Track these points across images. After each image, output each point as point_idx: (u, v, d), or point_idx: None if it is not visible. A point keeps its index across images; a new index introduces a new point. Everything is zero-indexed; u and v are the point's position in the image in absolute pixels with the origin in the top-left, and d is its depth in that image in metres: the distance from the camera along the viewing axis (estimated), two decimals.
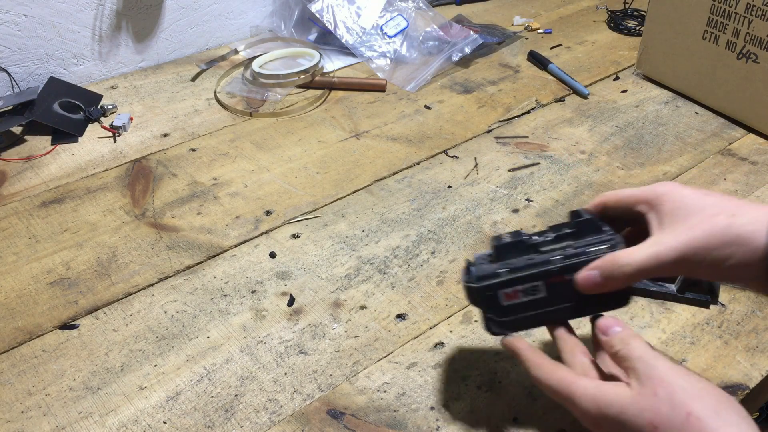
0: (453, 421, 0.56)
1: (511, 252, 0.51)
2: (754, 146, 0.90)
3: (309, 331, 0.65)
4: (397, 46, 1.12)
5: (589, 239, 0.50)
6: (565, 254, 0.50)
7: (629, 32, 1.22)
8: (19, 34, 1.00)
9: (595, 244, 0.49)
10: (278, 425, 0.56)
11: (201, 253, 0.74)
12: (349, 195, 0.83)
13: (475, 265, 0.52)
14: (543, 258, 0.50)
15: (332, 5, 1.12)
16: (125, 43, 1.10)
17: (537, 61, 1.12)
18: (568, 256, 0.49)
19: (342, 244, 0.75)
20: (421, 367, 0.61)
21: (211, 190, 0.84)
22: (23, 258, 0.75)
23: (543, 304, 0.50)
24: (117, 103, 1.03)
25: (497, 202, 0.81)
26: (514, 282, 0.50)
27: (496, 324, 0.51)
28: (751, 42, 0.88)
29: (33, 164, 0.90)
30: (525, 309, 0.51)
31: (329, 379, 0.60)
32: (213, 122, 0.98)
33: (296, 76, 1.04)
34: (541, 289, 0.50)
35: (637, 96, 1.03)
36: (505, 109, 1.00)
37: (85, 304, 0.68)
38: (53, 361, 0.63)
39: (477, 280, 0.50)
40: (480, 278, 0.50)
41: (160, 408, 0.58)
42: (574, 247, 0.50)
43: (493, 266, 0.51)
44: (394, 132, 0.95)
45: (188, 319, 0.67)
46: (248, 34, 1.23)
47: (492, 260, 0.52)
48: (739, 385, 0.59)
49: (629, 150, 0.90)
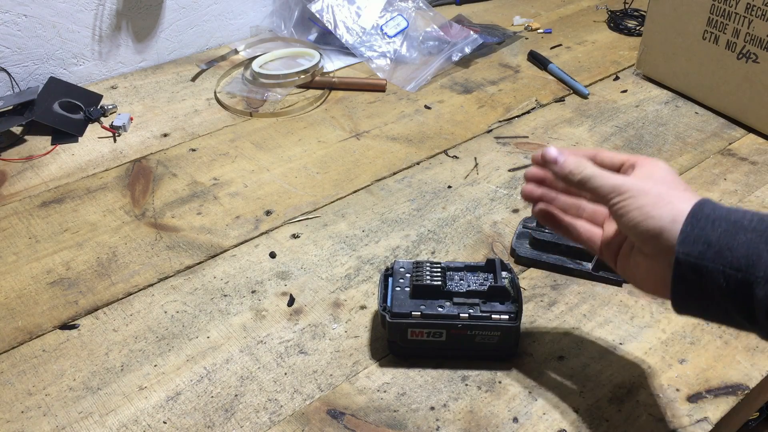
0: (453, 421, 0.56)
1: (427, 293, 0.60)
2: (754, 146, 0.90)
3: (309, 331, 0.65)
4: (397, 46, 1.12)
5: (493, 304, 0.59)
6: (470, 314, 0.58)
7: (629, 32, 1.22)
8: (19, 34, 1.00)
9: (498, 312, 0.58)
10: (278, 425, 0.56)
11: (201, 253, 0.74)
12: (349, 195, 0.83)
13: (393, 275, 0.62)
14: (452, 311, 0.58)
15: (332, 5, 1.12)
16: (125, 43, 1.10)
17: (537, 61, 1.12)
18: (472, 317, 0.58)
19: (342, 244, 0.75)
20: (421, 367, 0.61)
21: (211, 190, 0.84)
22: (23, 258, 0.75)
23: (441, 345, 0.60)
24: (117, 103, 1.03)
25: (497, 202, 0.81)
26: (423, 325, 0.59)
27: (398, 348, 0.61)
28: (751, 42, 0.88)
29: (33, 164, 0.90)
30: (425, 345, 0.60)
31: (329, 379, 0.60)
32: (213, 122, 0.98)
33: (296, 76, 1.04)
34: (443, 335, 0.59)
35: (637, 96, 1.03)
36: (505, 109, 1.00)
37: (85, 304, 0.68)
38: (53, 361, 0.63)
39: (392, 316, 0.59)
40: (394, 315, 0.59)
41: (160, 408, 0.58)
42: (481, 309, 0.58)
43: (408, 303, 0.59)
44: (394, 132, 0.95)
45: (188, 319, 0.67)
46: (248, 34, 1.23)
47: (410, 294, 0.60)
48: (739, 385, 0.59)
49: (629, 150, 0.90)
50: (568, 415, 0.57)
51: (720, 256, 0.42)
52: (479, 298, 0.59)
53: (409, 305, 0.59)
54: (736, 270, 0.42)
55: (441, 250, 0.74)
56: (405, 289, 0.60)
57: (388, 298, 0.60)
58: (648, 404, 0.57)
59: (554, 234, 0.67)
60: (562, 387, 0.59)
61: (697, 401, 0.57)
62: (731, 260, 0.42)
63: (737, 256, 0.42)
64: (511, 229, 0.77)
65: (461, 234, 0.76)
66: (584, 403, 0.57)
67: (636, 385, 0.59)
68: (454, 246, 0.75)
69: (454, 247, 0.75)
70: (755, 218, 0.43)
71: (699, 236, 0.43)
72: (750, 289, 0.41)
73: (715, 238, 0.43)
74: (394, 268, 0.63)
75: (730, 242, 0.42)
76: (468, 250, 0.74)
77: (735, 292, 0.42)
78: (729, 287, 0.42)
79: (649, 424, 0.56)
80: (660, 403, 0.57)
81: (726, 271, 0.42)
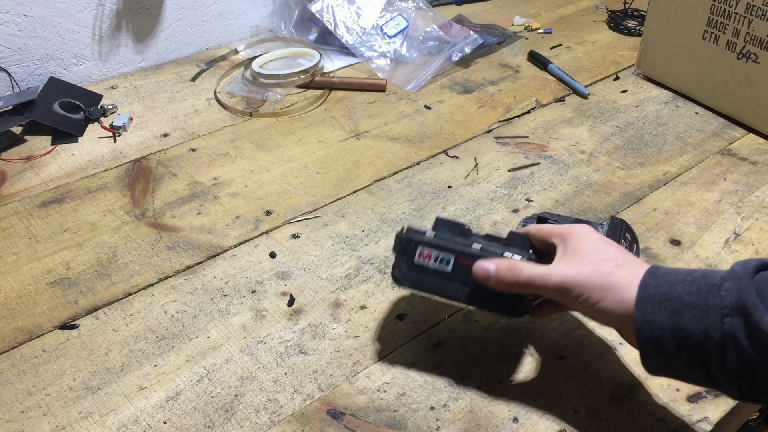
0: (453, 421, 0.56)
1: (447, 229, 0.58)
2: (754, 146, 0.90)
3: (309, 331, 0.65)
4: (397, 46, 1.12)
5: (510, 247, 0.56)
6: (483, 247, 0.56)
7: (629, 32, 1.22)
8: (19, 34, 1.00)
9: (512, 252, 0.55)
10: (278, 425, 0.56)
11: (201, 253, 0.74)
12: (349, 195, 0.83)
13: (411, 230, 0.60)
14: (465, 241, 0.57)
15: (332, 5, 1.12)
16: (125, 43, 1.10)
17: (537, 61, 1.12)
18: (484, 249, 0.56)
19: (342, 244, 0.75)
20: (421, 367, 0.61)
21: (211, 190, 0.84)
22: (23, 258, 0.75)
23: (445, 277, 0.57)
24: (117, 103, 1.03)
25: (497, 202, 0.81)
26: (433, 246, 0.57)
27: (401, 273, 0.58)
28: (751, 42, 0.88)
29: (33, 164, 0.90)
30: (430, 273, 0.57)
31: (329, 379, 0.60)
32: (213, 122, 0.98)
33: (296, 76, 1.04)
34: (450, 264, 0.57)
35: (637, 96, 1.03)
36: (505, 109, 1.00)
37: (85, 304, 0.68)
38: (53, 361, 0.63)
39: (406, 231, 0.58)
40: (409, 230, 0.58)
41: (160, 408, 0.58)
42: (496, 246, 0.56)
43: (425, 230, 0.58)
44: (394, 132, 0.95)
45: (188, 319, 0.67)
46: (248, 34, 1.23)
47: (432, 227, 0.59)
48: None
49: (629, 150, 0.90)
50: (568, 415, 0.57)
51: (675, 337, 0.46)
52: (497, 242, 0.57)
53: (424, 230, 0.58)
54: (692, 348, 0.45)
55: None
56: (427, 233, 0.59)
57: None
58: (648, 404, 0.57)
59: None
60: (562, 387, 0.59)
61: (697, 401, 0.57)
62: (684, 340, 0.45)
63: (689, 335, 0.45)
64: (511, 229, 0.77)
65: None
66: (584, 403, 0.57)
67: (636, 385, 0.59)
68: None
69: None
70: (693, 288, 0.46)
71: (651, 321, 0.46)
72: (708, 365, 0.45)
73: (665, 320, 0.46)
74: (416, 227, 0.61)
75: (679, 322, 0.45)
76: None
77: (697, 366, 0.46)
78: (690, 363, 0.46)
79: (649, 424, 0.56)
80: (660, 403, 0.57)
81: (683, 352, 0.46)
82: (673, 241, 0.75)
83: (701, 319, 0.45)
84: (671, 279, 0.47)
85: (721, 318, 0.44)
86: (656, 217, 0.78)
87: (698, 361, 0.46)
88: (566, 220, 0.69)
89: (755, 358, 0.43)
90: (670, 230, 0.76)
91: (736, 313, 0.43)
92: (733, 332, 0.43)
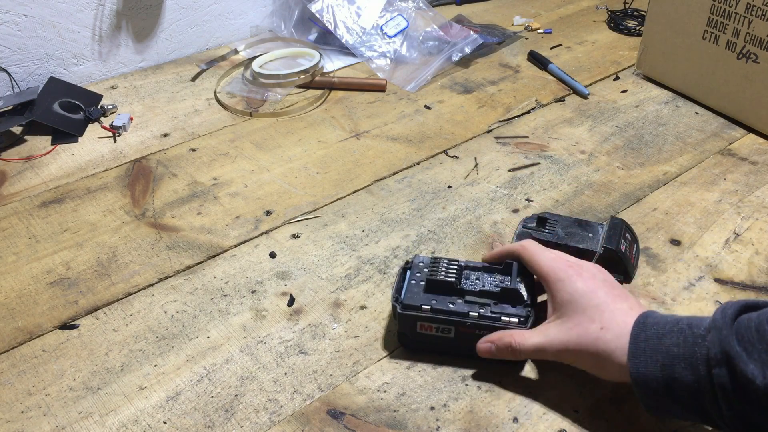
0: (453, 421, 0.56)
1: (441, 288, 0.60)
2: (754, 146, 0.90)
3: (309, 331, 0.65)
4: (397, 46, 1.12)
5: (505, 306, 0.59)
6: (480, 314, 0.58)
7: (629, 32, 1.22)
8: (19, 34, 1.00)
9: (508, 314, 0.58)
10: (278, 425, 0.56)
11: (201, 253, 0.74)
12: (349, 195, 0.83)
13: (411, 268, 0.62)
14: (462, 309, 0.59)
15: (332, 5, 1.12)
16: (125, 43, 1.10)
17: (537, 61, 1.12)
18: (482, 316, 0.58)
19: (342, 244, 0.75)
20: (421, 367, 0.61)
21: (211, 190, 0.84)
22: (23, 258, 0.75)
23: (449, 342, 0.60)
24: (117, 103, 1.03)
25: (497, 202, 0.81)
26: (432, 320, 0.59)
27: (407, 340, 0.61)
28: (751, 42, 0.88)
29: (33, 164, 0.90)
30: (434, 340, 0.60)
31: (329, 379, 0.60)
32: (213, 122, 0.98)
33: (296, 76, 1.04)
34: (452, 332, 0.59)
35: (637, 96, 1.03)
36: (505, 109, 1.00)
37: (85, 304, 0.68)
38: (53, 361, 0.63)
39: (402, 307, 0.59)
40: (405, 306, 0.59)
41: (160, 408, 0.58)
42: (492, 310, 0.58)
43: (420, 297, 0.59)
44: (394, 132, 0.95)
45: (188, 319, 0.67)
46: (248, 34, 1.23)
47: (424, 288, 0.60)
48: None
49: (629, 150, 0.90)
50: (568, 415, 0.57)
51: (670, 388, 0.48)
52: (491, 298, 0.59)
53: (421, 299, 0.59)
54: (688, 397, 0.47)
55: (441, 251, 0.74)
56: (420, 283, 0.61)
57: (403, 290, 0.61)
58: None
59: (554, 234, 0.67)
60: (562, 387, 0.59)
61: None
62: (678, 391, 0.47)
63: (683, 386, 0.47)
64: (511, 229, 0.77)
65: (461, 234, 0.76)
66: (584, 403, 0.57)
67: None
68: (454, 246, 0.75)
69: (454, 248, 0.75)
70: (680, 340, 0.48)
71: (646, 374, 0.48)
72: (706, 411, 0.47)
73: (658, 372, 0.48)
74: (414, 261, 0.63)
75: (672, 374, 0.47)
76: (468, 251, 0.74)
77: (696, 412, 0.48)
78: (688, 410, 0.48)
79: (649, 424, 0.56)
80: None
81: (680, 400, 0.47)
82: (673, 241, 0.75)
83: (692, 370, 0.46)
84: (659, 330, 0.49)
85: (709, 370, 0.45)
86: (656, 217, 0.78)
87: (696, 408, 0.47)
88: (566, 220, 0.69)
89: (747, 407, 0.44)
90: (670, 230, 0.76)
91: (722, 364, 0.45)
92: (722, 383, 0.45)
